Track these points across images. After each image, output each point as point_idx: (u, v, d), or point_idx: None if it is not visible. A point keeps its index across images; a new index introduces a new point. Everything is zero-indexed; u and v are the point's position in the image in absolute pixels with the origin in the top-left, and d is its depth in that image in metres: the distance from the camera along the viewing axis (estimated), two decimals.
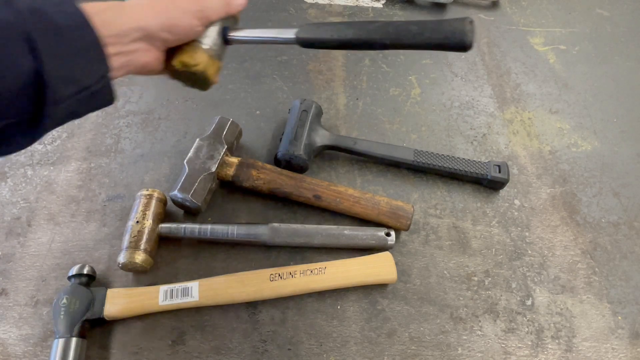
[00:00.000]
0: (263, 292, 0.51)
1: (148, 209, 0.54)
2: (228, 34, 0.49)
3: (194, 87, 0.47)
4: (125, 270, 0.52)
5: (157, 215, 0.54)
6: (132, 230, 0.52)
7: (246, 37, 0.51)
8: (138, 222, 0.53)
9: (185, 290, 0.49)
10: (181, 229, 0.54)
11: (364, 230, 0.57)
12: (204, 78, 0.46)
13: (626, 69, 0.84)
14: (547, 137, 0.72)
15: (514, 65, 0.83)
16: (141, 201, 0.54)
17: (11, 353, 0.47)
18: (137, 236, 0.51)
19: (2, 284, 0.52)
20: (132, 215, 0.54)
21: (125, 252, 0.50)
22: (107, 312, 0.48)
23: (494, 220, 0.61)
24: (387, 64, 0.81)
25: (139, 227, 0.52)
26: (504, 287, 0.56)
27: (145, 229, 0.52)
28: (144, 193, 0.55)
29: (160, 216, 0.55)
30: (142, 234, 0.52)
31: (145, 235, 0.52)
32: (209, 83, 0.47)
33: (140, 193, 0.55)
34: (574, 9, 0.97)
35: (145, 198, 0.55)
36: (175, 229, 0.54)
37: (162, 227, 0.54)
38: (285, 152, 0.60)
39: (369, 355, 0.50)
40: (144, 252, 0.51)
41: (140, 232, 0.52)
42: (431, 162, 0.63)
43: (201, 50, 0.45)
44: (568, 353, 0.51)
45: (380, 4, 0.94)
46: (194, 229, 0.54)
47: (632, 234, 0.62)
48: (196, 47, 0.44)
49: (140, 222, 0.53)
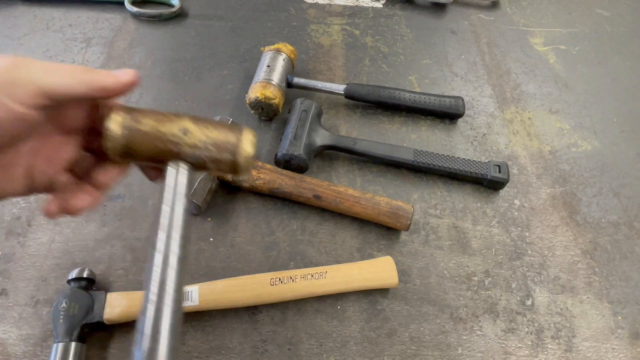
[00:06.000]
0: (263, 297, 0.51)
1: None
2: (292, 80, 0.70)
3: (265, 115, 0.68)
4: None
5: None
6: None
7: (305, 84, 0.71)
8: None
9: (185, 295, 0.49)
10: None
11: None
12: (276, 108, 0.66)
13: (626, 69, 0.84)
14: (547, 137, 0.72)
15: (514, 65, 0.83)
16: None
17: (11, 353, 0.47)
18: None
19: (2, 284, 0.52)
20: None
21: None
22: (107, 316, 0.47)
23: (494, 220, 0.61)
24: (387, 64, 0.81)
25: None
26: (504, 287, 0.56)
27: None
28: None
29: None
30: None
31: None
32: (278, 113, 0.68)
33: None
34: (574, 9, 0.97)
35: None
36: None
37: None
38: (285, 152, 0.60)
39: (369, 355, 0.50)
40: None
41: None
42: (431, 162, 0.63)
43: (278, 88, 0.65)
44: (568, 353, 0.51)
45: (380, 4, 0.94)
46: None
47: (632, 234, 0.62)
48: (275, 86, 0.66)
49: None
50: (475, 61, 0.83)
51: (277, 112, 0.68)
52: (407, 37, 0.87)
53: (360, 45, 0.84)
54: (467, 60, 0.83)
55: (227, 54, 0.80)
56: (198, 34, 0.83)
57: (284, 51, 0.71)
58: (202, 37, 0.82)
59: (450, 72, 0.81)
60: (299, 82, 0.71)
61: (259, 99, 0.64)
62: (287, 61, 0.71)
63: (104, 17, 0.84)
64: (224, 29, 0.84)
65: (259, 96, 0.64)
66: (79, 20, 0.83)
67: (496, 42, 0.87)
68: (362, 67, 0.80)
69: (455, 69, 0.81)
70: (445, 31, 0.89)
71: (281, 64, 0.70)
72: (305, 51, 0.81)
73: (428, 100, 0.71)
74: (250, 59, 0.78)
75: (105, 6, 0.86)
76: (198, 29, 0.84)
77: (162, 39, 0.81)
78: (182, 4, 0.86)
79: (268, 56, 0.70)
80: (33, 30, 0.81)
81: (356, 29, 0.87)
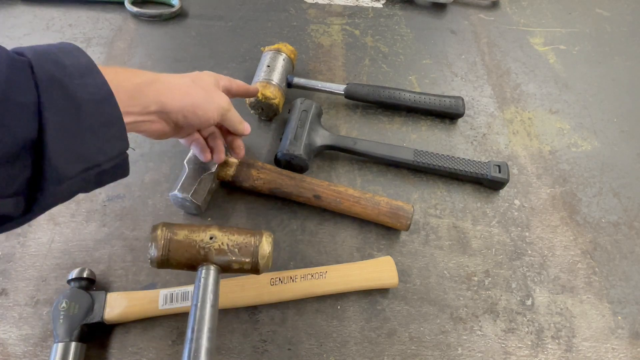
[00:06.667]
0: (263, 297, 0.51)
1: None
2: (292, 80, 0.70)
3: (265, 116, 0.69)
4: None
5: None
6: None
7: (305, 84, 0.71)
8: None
9: (185, 295, 0.49)
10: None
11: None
12: (276, 108, 0.66)
13: (626, 69, 0.84)
14: (547, 137, 0.72)
15: (514, 65, 0.83)
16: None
17: (11, 353, 0.47)
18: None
19: (2, 284, 0.52)
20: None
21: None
22: (107, 316, 0.47)
23: (494, 220, 0.61)
24: (387, 64, 0.81)
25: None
26: (504, 287, 0.56)
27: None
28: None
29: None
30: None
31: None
32: (278, 113, 0.68)
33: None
34: (574, 9, 0.97)
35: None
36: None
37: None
38: (285, 152, 0.60)
39: (369, 355, 0.50)
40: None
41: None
42: (431, 162, 0.63)
43: (278, 88, 0.66)
44: (568, 353, 0.51)
45: (380, 4, 0.94)
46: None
47: (632, 234, 0.62)
48: (275, 86, 0.66)
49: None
50: (475, 61, 0.83)
51: (277, 112, 0.68)
52: (407, 37, 0.87)
53: (360, 45, 0.84)
54: (467, 60, 0.83)
55: (227, 54, 0.80)
56: (198, 34, 0.83)
57: (284, 51, 0.71)
58: (202, 37, 0.82)
59: (450, 72, 0.81)
60: (299, 82, 0.71)
61: (259, 99, 0.64)
62: (287, 61, 0.71)
63: (104, 17, 0.84)
64: (224, 29, 0.84)
65: (259, 96, 0.64)
66: (79, 20, 0.83)
67: (496, 42, 0.87)
68: (362, 67, 0.80)
69: (455, 69, 0.81)
70: (445, 31, 0.89)
71: (281, 64, 0.70)
72: (305, 51, 0.81)
73: (428, 100, 0.71)
74: (250, 59, 0.78)
75: (105, 6, 0.86)
76: (198, 29, 0.84)
77: (162, 39, 0.81)
78: (182, 4, 0.86)
79: (268, 56, 0.70)
80: (33, 30, 0.81)
81: (356, 29, 0.87)
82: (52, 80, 0.28)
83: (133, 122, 0.37)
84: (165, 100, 0.39)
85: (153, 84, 0.38)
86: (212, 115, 0.45)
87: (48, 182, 0.28)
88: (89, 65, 0.31)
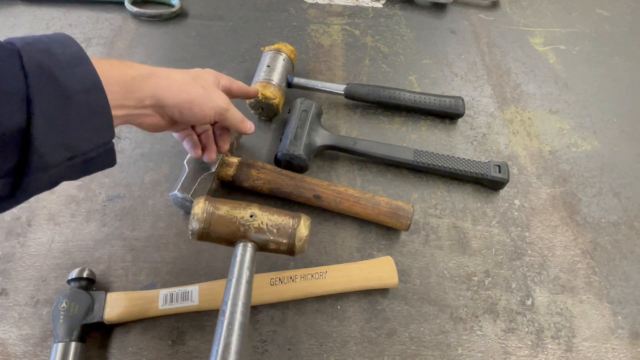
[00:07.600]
0: (263, 297, 0.51)
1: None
2: (292, 80, 0.70)
3: (265, 116, 0.68)
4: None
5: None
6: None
7: (305, 84, 0.71)
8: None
9: (185, 295, 0.49)
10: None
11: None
12: (276, 108, 0.66)
13: (626, 69, 0.84)
14: (547, 137, 0.72)
15: (514, 65, 0.83)
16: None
17: (11, 353, 0.47)
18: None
19: (2, 284, 0.52)
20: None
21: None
22: (107, 316, 0.47)
23: (494, 220, 0.61)
24: (387, 64, 0.81)
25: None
26: (504, 287, 0.56)
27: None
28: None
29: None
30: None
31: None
32: (278, 113, 0.67)
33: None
34: (574, 9, 0.97)
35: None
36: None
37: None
38: (285, 152, 0.60)
39: (369, 355, 0.50)
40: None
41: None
42: (431, 162, 0.63)
43: (278, 88, 0.66)
44: (568, 353, 0.51)
45: (380, 4, 0.94)
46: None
47: (632, 234, 0.62)
48: (275, 86, 0.66)
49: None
50: (475, 61, 0.83)
51: (277, 112, 0.68)
52: (407, 37, 0.87)
53: (360, 45, 0.84)
54: (467, 60, 0.83)
55: (227, 54, 0.80)
56: (198, 34, 0.83)
57: (284, 51, 0.71)
58: (202, 37, 0.82)
59: (450, 72, 0.81)
60: (299, 82, 0.71)
61: (259, 99, 0.64)
62: (287, 61, 0.71)
63: (104, 17, 0.84)
64: (224, 29, 0.84)
65: (259, 96, 0.64)
66: (79, 20, 0.83)
67: (496, 42, 0.88)
68: (362, 67, 0.80)
69: (455, 69, 0.81)
70: (445, 31, 0.89)
71: (281, 64, 0.70)
72: (305, 51, 0.81)
73: (428, 100, 0.71)
74: (250, 59, 0.78)
75: (105, 6, 0.86)
76: (198, 29, 0.84)
77: (162, 39, 0.81)
78: (182, 4, 0.86)
79: (268, 56, 0.70)
80: (33, 30, 0.81)
81: (356, 29, 0.87)
82: (41, 69, 0.28)
83: (127, 115, 0.37)
84: (161, 95, 0.39)
85: (150, 78, 0.38)
86: (208, 113, 0.44)
87: (33, 169, 0.28)
88: (79, 54, 0.31)
